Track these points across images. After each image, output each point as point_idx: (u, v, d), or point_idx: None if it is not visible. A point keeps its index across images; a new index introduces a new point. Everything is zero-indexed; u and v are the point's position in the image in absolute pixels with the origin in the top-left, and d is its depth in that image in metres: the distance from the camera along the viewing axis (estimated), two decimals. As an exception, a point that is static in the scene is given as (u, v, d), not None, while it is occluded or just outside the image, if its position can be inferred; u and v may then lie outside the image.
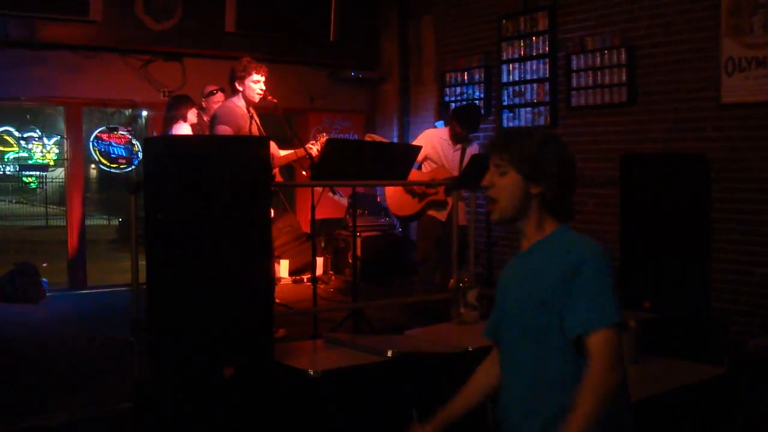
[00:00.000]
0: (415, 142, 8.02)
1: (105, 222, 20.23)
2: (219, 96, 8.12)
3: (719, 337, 6.76)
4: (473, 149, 7.87)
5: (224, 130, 6.34)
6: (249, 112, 6.52)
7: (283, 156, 6.61)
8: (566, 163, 2.69)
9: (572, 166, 2.72)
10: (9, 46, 8.67)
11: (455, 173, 7.57)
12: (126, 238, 15.22)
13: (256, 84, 6.44)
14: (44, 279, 8.85)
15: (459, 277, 5.94)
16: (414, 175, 7.29)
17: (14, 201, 23.25)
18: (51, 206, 21.57)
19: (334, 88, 10.94)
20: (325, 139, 6.16)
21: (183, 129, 7.62)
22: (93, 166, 14.11)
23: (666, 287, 6.49)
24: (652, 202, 6.65)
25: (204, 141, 5.36)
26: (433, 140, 7.85)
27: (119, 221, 18.10)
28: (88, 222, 9.85)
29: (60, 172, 14.12)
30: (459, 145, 7.78)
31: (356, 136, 11.06)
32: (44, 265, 9.40)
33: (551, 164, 2.63)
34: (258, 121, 6.65)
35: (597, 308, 2.46)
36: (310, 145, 6.48)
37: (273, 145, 6.63)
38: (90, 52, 9.13)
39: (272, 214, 5.30)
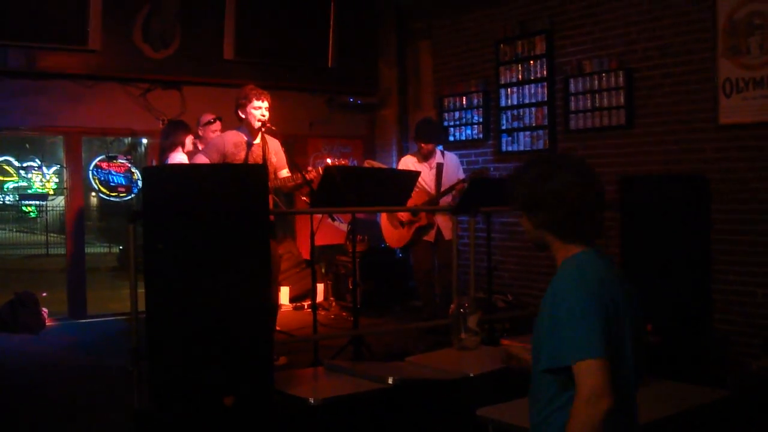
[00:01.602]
0: (400, 166, 8.17)
1: (105, 250, 20.19)
2: (216, 125, 8.08)
3: (722, 358, 6.73)
4: (449, 162, 7.98)
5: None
6: (253, 139, 6.50)
7: (279, 179, 6.59)
8: (560, 190, 2.68)
9: (576, 186, 2.68)
10: (9, 76, 8.69)
11: (433, 192, 7.78)
12: (126, 266, 15.20)
13: (257, 110, 6.45)
14: (44, 308, 8.82)
15: (459, 303, 5.92)
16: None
17: (14, 230, 23.23)
18: (51, 234, 21.56)
19: (333, 113, 10.96)
20: (323, 168, 6.16)
21: (179, 157, 7.58)
22: (93, 194, 14.10)
23: (667, 309, 6.47)
24: (651, 224, 6.63)
25: (201, 170, 5.36)
26: (408, 166, 7.93)
27: (119, 249, 18.07)
28: (87, 250, 9.84)
29: (60, 201, 14.14)
30: (434, 164, 7.89)
31: (356, 162, 11.06)
32: (44, 294, 9.37)
33: (542, 196, 2.68)
34: (273, 147, 6.62)
35: (566, 343, 2.48)
36: (309, 169, 6.47)
37: (276, 172, 6.63)
38: (89, 81, 9.14)
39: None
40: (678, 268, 6.53)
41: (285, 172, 6.64)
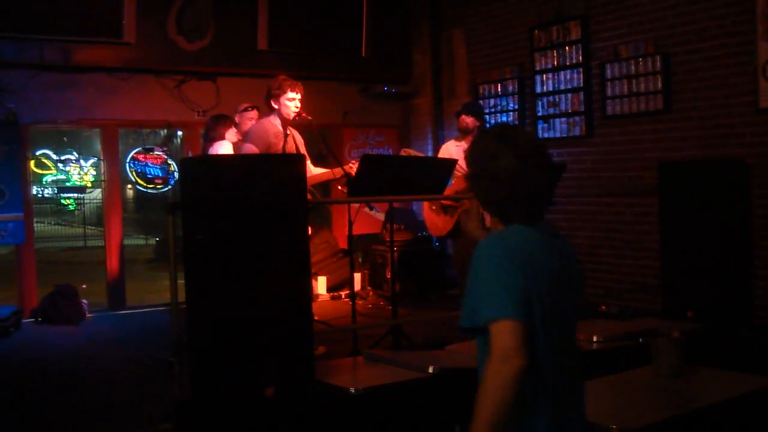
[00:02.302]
0: (439, 156, 8.07)
1: (142, 242, 20.38)
2: (252, 113, 8.13)
3: (764, 346, 6.65)
4: None
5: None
6: (285, 130, 6.52)
7: (316, 175, 6.59)
8: (507, 171, 2.59)
9: (516, 172, 2.59)
10: (45, 70, 8.76)
11: None
12: (163, 257, 15.32)
13: (291, 102, 6.44)
14: (84, 300, 8.91)
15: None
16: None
17: (52, 223, 23.46)
18: (89, 227, 21.76)
19: (367, 103, 10.94)
20: (361, 157, 6.14)
21: (224, 148, 7.61)
22: (129, 186, 14.20)
23: (709, 296, 6.41)
24: (691, 210, 6.58)
25: (240, 160, 5.37)
26: (450, 151, 7.85)
27: (156, 241, 18.22)
28: (125, 242, 9.91)
29: (97, 194, 14.25)
30: None
31: (391, 151, 11.05)
32: (83, 286, 9.45)
33: (485, 173, 2.63)
34: (298, 139, 6.64)
35: (481, 303, 2.47)
36: (351, 165, 6.45)
37: (307, 164, 6.62)
38: (124, 73, 9.20)
39: (309, 231, 5.27)
40: (718, 255, 6.47)
41: (309, 164, 6.63)
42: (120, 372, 6.67)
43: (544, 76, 9.18)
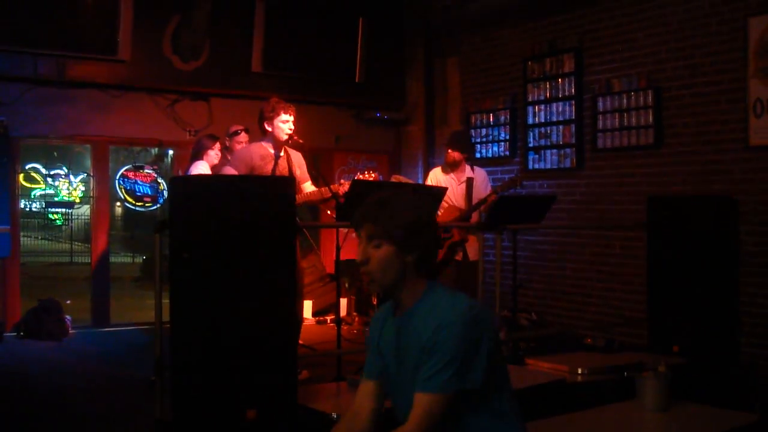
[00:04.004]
0: (427, 182, 8.06)
1: (129, 260, 20.30)
2: (243, 136, 8.16)
3: (750, 382, 6.64)
4: (478, 176, 7.85)
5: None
6: (278, 152, 6.50)
7: (305, 194, 6.58)
8: (433, 224, 2.75)
9: (436, 225, 2.78)
10: (39, 84, 8.75)
11: (463, 207, 7.57)
12: (150, 275, 15.23)
13: (284, 124, 6.43)
14: (68, 316, 8.85)
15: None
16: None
17: (39, 237, 23.38)
18: (76, 243, 21.68)
19: (359, 128, 10.96)
20: (351, 181, 6.13)
21: (201, 168, 7.65)
22: (118, 203, 14.20)
23: (695, 331, 6.41)
24: (679, 244, 6.58)
25: (228, 181, 5.36)
26: (438, 179, 7.85)
27: (143, 259, 18.15)
28: (111, 259, 9.88)
29: (85, 209, 14.24)
30: (463, 178, 7.76)
31: (381, 177, 11.05)
32: (68, 302, 9.40)
33: (422, 230, 2.68)
34: (296, 160, 6.61)
35: (432, 372, 2.52)
36: (338, 185, 6.44)
37: (301, 186, 6.61)
38: (118, 90, 9.20)
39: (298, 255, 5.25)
40: (705, 290, 6.47)
41: (309, 185, 6.62)
42: (101, 389, 6.62)
43: (537, 107, 9.22)
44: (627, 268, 8.12)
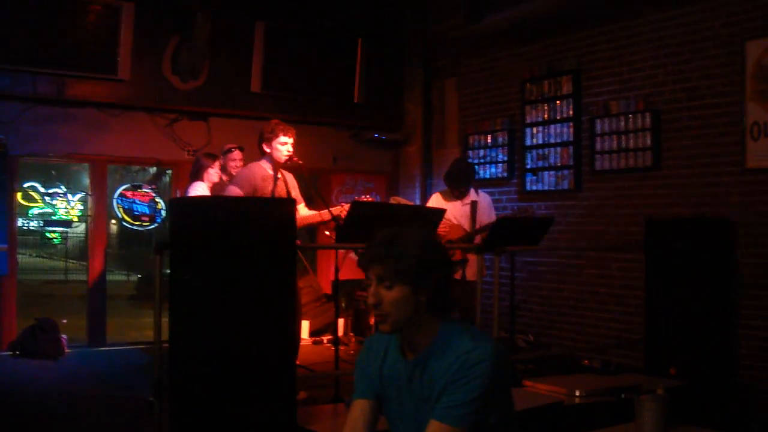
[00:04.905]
0: (428, 205, 8.04)
1: (124, 278, 20.23)
2: (236, 154, 8.20)
3: (747, 405, 6.65)
4: (483, 200, 7.86)
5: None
6: (276, 173, 6.52)
7: (305, 217, 6.59)
8: (446, 262, 2.69)
9: (450, 262, 2.72)
10: (38, 103, 8.78)
11: (467, 228, 7.56)
12: (145, 294, 15.21)
13: (283, 146, 6.46)
14: (64, 335, 8.83)
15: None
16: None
17: (33, 255, 23.30)
18: (71, 261, 21.60)
19: (357, 148, 10.98)
20: (351, 203, 6.15)
21: (199, 189, 7.67)
22: (113, 221, 14.15)
23: (692, 353, 6.42)
24: (677, 266, 6.61)
25: (229, 203, 5.37)
26: (440, 201, 7.85)
27: (138, 277, 18.10)
28: (107, 278, 9.85)
29: (81, 227, 14.22)
30: (468, 201, 7.77)
31: (379, 197, 11.07)
32: (64, 321, 9.37)
33: (435, 268, 2.61)
34: (290, 182, 6.64)
35: (456, 404, 2.48)
36: (341, 206, 6.46)
37: (300, 207, 6.61)
38: (116, 110, 9.22)
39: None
40: (703, 312, 6.50)
41: (302, 207, 6.64)
42: (98, 409, 6.59)
43: (535, 129, 9.25)
44: (624, 289, 8.13)
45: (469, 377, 2.48)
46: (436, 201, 7.98)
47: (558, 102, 8.95)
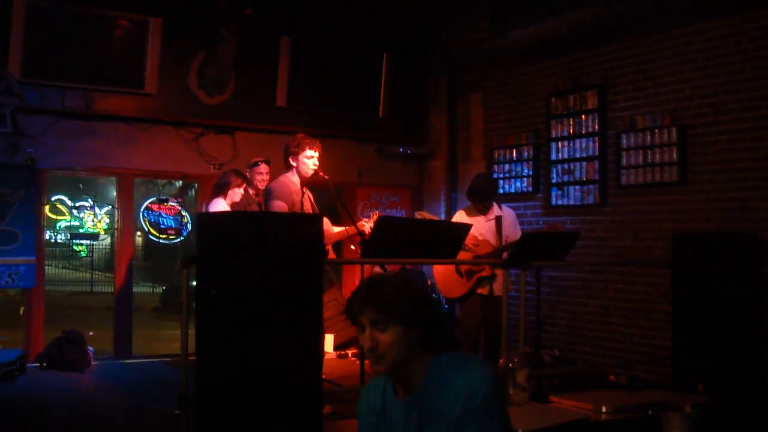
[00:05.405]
0: (453, 220, 8.02)
1: (149, 289, 20.36)
2: (263, 167, 8.25)
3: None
4: (507, 215, 7.82)
5: (279, 205, 6.36)
6: (302, 187, 6.55)
7: (336, 233, 6.62)
8: (431, 298, 2.80)
9: (434, 299, 2.83)
10: (66, 117, 8.86)
11: (494, 244, 7.53)
12: (170, 305, 15.32)
13: (309, 159, 6.49)
14: (90, 347, 8.88)
15: (509, 358, 5.85)
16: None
17: (60, 266, 23.48)
18: (97, 272, 21.77)
19: (382, 162, 11.00)
20: (376, 218, 6.16)
21: (219, 206, 7.68)
22: (138, 233, 14.30)
23: (720, 370, 6.37)
24: (704, 281, 6.56)
25: (257, 218, 5.40)
26: (464, 218, 7.83)
27: (163, 289, 18.23)
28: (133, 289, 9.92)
29: (107, 240, 14.36)
30: (492, 216, 7.74)
31: (404, 211, 11.08)
32: (90, 333, 9.44)
33: (424, 304, 2.65)
34: (311, 197, 6.68)
35: None
36: (363, 223, 6.49)
37: (326, 222, 6.62)
38: (143, 124, 9.30)
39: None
40: (730, 328, 6.44)
41: (328, 222, 6.65)
42: (123, 422, 6.62)
43: (560, 143, 9.23)
44: (651, 304, 8.09)
45: (481, 407, 2.51)
46: (459, 218, 7.95)
47: (583, 116, 8.93)
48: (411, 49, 10.89)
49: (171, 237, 10.14)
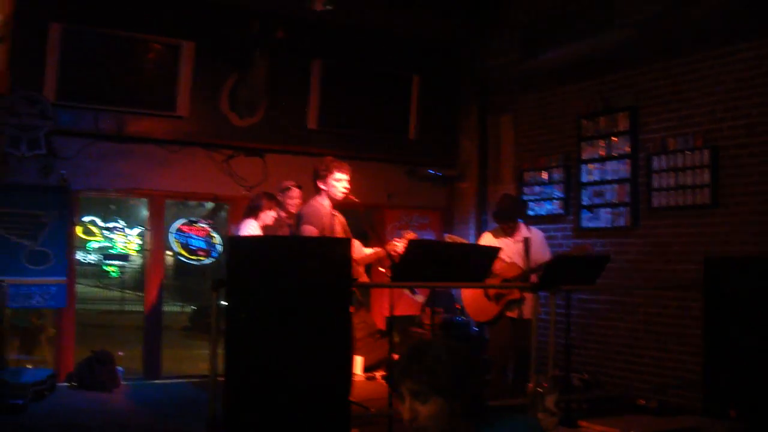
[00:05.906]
0: (480, 243, 8.00)
1: (178, 309, 20.41)
2: (294, 192, 8.27)
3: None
4: (536, 237, 7.78)
5: (310, 230, 6.37)
6: (333, 210, 6.57)
7: (367, 255, 6.63)
8: (476, 367, 2.61)
9: (480, 367, 2.65)
10: (99, 139, 8.95)
11: (523, 266, 7.49)
12: (199, 325, 15.36)
13: (338, 182, 6.50)
14: (119, 367, 8.92)
15: (537, 381, 5.81)
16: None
17: (90, 285, 23.61)
18: (127, 291, 21.86)
19: (412, 184, 10.99)
20: (410, 236, 6.16)
21: (250, 229, 7.72)
22: (169, 252, 14.41)
23: (753, 396, 6.28)
24: (737, 306, 6.48)
25: (288, 242, 5.41)
26: (491, 240, 7.80)
27: (192, 309, 18.27)
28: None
29: (137, 258, 14.47)
30: (520, 238, 7.69)
31: (433, 233, 11.06)
32: (120, 353, 9.48)
33: (467, 376, 2.54)
34: (343, 220, 6.69)
35: None
36: (395, 243, 6.49)
37: (357, 244, 6.63)
38: (175, 146, 9.37)
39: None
40: (763, 353, 6.35)
41: (358, 244, 6.66)
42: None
43: (591, 165, 9.18)
44: (682, 328, 8.00)
45: None
46: (487, 240, 7.93)
47: (614, 138, 8.89)
48: (441, 72, 10.92)
49: (201, 258, 10.18)
